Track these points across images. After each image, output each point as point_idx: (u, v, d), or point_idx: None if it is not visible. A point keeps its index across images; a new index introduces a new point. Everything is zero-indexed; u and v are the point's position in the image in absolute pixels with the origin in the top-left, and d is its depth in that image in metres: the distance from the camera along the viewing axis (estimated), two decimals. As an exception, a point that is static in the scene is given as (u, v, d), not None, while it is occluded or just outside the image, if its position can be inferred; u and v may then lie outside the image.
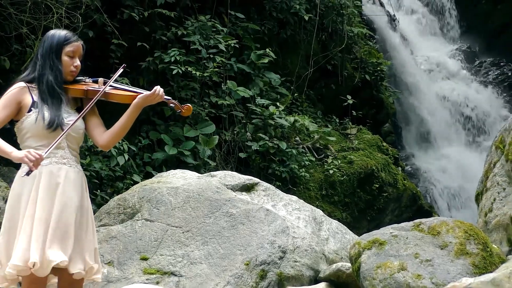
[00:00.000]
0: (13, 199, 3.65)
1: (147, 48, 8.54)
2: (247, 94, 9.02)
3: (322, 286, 4.93)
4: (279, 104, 9.31)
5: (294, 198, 5.86)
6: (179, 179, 5.78)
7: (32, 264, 3.49)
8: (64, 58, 3.77)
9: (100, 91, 3.74)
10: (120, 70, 3.88)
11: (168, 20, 8.86)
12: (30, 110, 3.67)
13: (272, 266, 4.96)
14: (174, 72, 8.39)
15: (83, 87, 3.81)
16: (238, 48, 9.26)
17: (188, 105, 3.98)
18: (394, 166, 10.44)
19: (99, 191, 7.26)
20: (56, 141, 3.58)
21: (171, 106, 3.92)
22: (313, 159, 9.52)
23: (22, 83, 3.74)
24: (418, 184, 12.26)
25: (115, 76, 3.84)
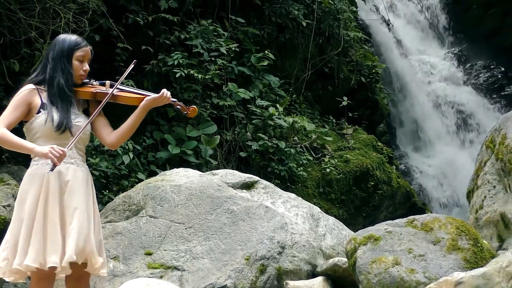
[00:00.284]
0: (21, 197, 3.65)
1: (151, 51, 8.54)
2: (248, 95, 9.02)
3: (319, 280, 4.92)
4: (278, 105, 9.30)
5: (293, 195, 5.86)
6: (182, 177, 5.78)
7: (53, 268, 3.49)
8: (75, 62, 3.77)
9: (108, 93, 3.75)
10: (131, 65, 3.89)
11: (171, 24, 8.86)
12: (39, 112, 3.68)
13: (271, 261, 4.96)
14: (177, 75, 8.38)
15: (91, 89, 3.81)
16: (238, 51, 9.25)
17: (194, 107, 3.98)
18: (388, 165, 10.43)
19: (107, 191, 7.25)
20: (72, 141, 3.61)
21: (177, 108, 3.92)
22: (310, 158, 9.51)
23: (31, 85, 3.75)
24: (411, 182, 12.25)
25: (126, 72, 3.85)
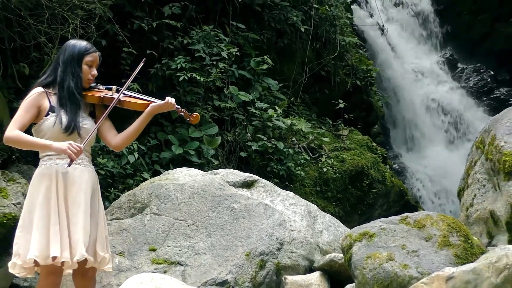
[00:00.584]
0: (31, 195, 3.66)
1: (155, 55, 8.53)
2: (248, 98, 9.01)
3: (316, 275, 4.93)
4: (277, 108, 9.29)
5: (291, 194, 5.86)
6: (185, 176, 5.78)
7: (63, 262, 3.50)
8: (84, 67, 3.78)
9: (115, 98, 3.76)
10: (140, 64, 3.90)
11: (174, 30, 8.86)
12: (48, 114, 3.69)
13: (270, 256, 4.96)
14: (180, 78, 8.38)
15: (98, 94, 3.81)
16: (239, 55, 9.25)
17: (196, 114, 4.01)
18: (382, 165, 10.43)
19: (113, 189, 7.25)
20: (85, 141, 3.66)
21: (181, 114, 3.94)
22: (308, 158, 9.50)
23: (41, 89, 3.75)
24: (404, 181, 12.26)
25: (136, 70, 3.86)
